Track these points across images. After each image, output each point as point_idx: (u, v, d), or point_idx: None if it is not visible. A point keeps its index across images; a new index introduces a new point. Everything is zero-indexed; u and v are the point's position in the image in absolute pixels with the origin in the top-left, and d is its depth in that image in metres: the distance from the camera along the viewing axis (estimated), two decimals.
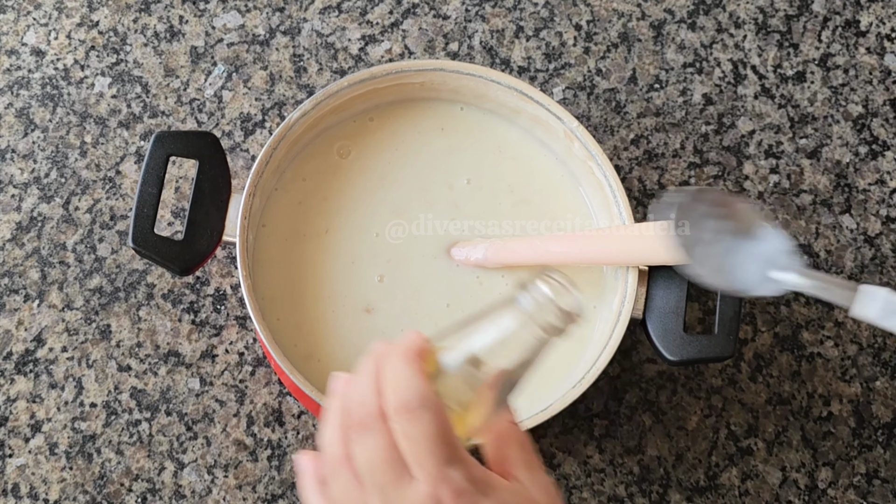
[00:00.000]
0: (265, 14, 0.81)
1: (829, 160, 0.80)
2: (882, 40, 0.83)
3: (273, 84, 0.79)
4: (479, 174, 0.70)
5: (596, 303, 0.68)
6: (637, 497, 0.71)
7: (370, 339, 0.66)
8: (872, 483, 0.72)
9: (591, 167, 0.68)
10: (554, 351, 0.69)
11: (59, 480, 0.70)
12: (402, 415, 0.42)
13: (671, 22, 0.83)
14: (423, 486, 0.42)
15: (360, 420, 0.43)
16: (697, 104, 0.80)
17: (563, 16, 0.82)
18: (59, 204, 0.76)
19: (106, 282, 0.74)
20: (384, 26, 0.81)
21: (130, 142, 0.77)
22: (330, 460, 0.44)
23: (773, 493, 0.72)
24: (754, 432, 0.73)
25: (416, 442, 0.42)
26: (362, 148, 0.70)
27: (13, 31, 0.80)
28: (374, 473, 0.42)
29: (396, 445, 0.42)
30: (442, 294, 0.67)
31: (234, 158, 0.77)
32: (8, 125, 0.78)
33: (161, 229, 0.75)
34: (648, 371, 0.74)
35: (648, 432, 0.73)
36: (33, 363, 0.72)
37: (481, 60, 0.81)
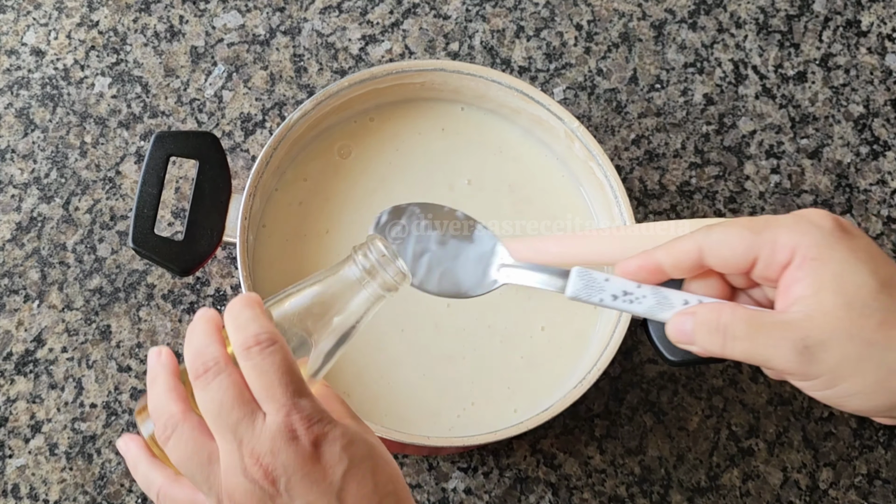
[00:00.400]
0: (265, 14, 0.81)
1: (830, 160, 0.80)
2: (883, 40, 0.83)
3: (273, 84, 0.79)
4: (479, 174, 0.70)
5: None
6: (638, 497, 0.71)
7: (370, 339, 0.66)
8: (874, 483, 0.72)
9: (592, 167, 0.68)
10: (554, 351, 0.69)
11: (59, 481, 0.70)
12: (253, 349, 0.44)
13: (672, 22, 0.83)
14: (276, 416, 0.44)
15: (204, 366, 0.45)
16: (698, 104, 0.80)
17: (564, 16, 0.82)
18: (59, 204, 0.76)
19: (106, 282, 0.74)
20: (384, 26, 0.81)
21: (130, 142, 0.77)
22: (165, 422, 0.46)
23: (774, 494, 0.72)
24: (755, 433, 0.73)
25: (268, 374, 0.44)
26: (363, 148, 0.70)
27: (13, 31, 0.80)
28: (224, 414, 0.44)
29: (243, 385, 0.44)
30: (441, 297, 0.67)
31: (235, 158, 0.77)
32: (8, 125, 0.77)
33: (161, 230, 0.75)
34: (649, 372, 0.74)
35: (649, 433, 0.73)
36: (33, 364, 0.72)
37: (482, 60, 0.81)
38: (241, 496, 0.44)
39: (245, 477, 0.44)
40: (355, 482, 0.45)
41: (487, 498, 0.71)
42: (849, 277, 0.43)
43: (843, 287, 0.43)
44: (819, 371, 0.43)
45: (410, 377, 0.65)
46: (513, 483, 0.71)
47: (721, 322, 0.45)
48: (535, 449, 0.72)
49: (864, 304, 0.42)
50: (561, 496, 0.71)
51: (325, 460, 0.44)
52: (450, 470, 0.71)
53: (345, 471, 0.44)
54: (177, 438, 0.45)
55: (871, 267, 0.43)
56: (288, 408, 0.44)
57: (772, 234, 0.45)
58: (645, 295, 0.48)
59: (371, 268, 0.48)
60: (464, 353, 0.66)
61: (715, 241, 0.46)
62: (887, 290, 0.43)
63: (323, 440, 0.44)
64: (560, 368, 0.66)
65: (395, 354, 0.65)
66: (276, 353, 0.45)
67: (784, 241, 0.45)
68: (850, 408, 0.44)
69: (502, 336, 0.66)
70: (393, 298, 0.69)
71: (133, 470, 0.49)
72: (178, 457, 0.45)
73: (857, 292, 0.43)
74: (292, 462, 0.44)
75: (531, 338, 0.67)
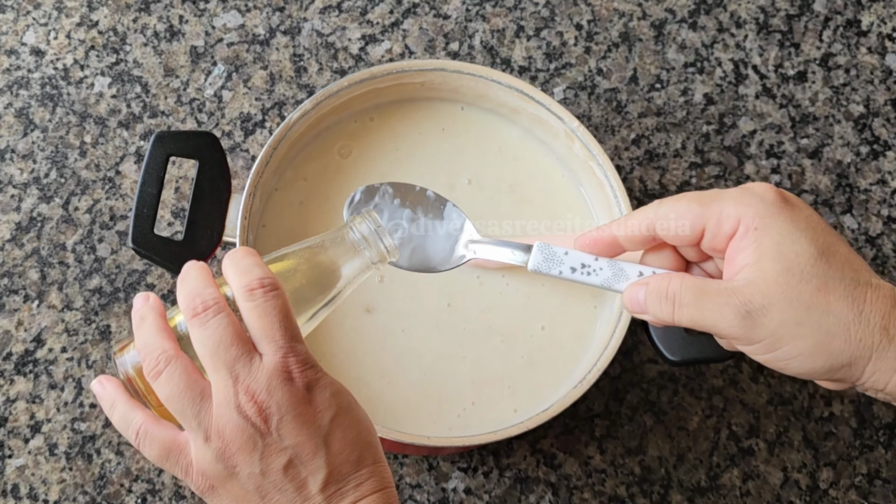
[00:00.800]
0: (265, 14, 0.81)
1: (830, 160, 0.79)
2: (883, 40, 0.83)
3: (273, 84, 0.79)
4: (479, 174, 0.70)
5: (597, 304, 0.68)
6: (638, 497, 0.71)
7: (370, 339, 0.66)
8: (874, 483, 0.72)
9: (592, 167, 0.68)
10: (554, 350, 0.69)
11: (58, 481, 0.70)
12: (257, 291, 0.46)
13: (672, 21, 0.83)
14: (273, 357, 0.45)
15: (203, 305, 0.46)
16: (698, 104, 0.80)
17: (564, 15, 0.82)
18: (58, 204, 0.75)
19: (106, 282, 0.74)
20: (384, 26, 0.81)
21: (130, 142, 0.77)
22: (157, 357, 0.46)
23: (774, 494, 0.72)
24: (755, 433, 0.73)
25: (270, 316, 0.46)
26: (363, 148, 0.70)
27: (13, 31, 0.80)
28: (222, 350, 0.45)
29: (241, 327, 0.46)
30: (442, 294, 0.67)
31: (234, 158, 0.77)
32: (7, 125, 0.77)
33: (161, 229, 0.75)
34: (649, 371, 0.74)
35: (649, 433, 0.72)
36: (33, 364, 0.72)
37: (482, 60, 0.81)
38: (232, 432, 0.45)
39: (238, 413, 0.45)
40: (341, 429, 0.46)
41: (487, 498, 0.71)
42: (789, 246, 0.45)
43: (783, 254, 0.45)
44: (761, 335, 0.45)
45: (411, 377, 0.65)
46: (513, 483, 0.71)
47: (670, 290, 0.47)
48: (536, 449, 0.72)
49: (803, 271, 0.45)
50: (561, 496, 0.71)
51: (315, 404, 0.46)
52: (450, 470, 0.71)
53: (332, 416, 0.46)
54: (170, 373, 0.46)
55: (811, 236, 0.45)
56: (285, 350, 0.45)
57: (718, 206, 0.47)
58: (602, 267, 0.51)
59: (366, 237, 0.50)
60: (464, 353, 0.66)
61: (664, 213, 0.49)
62: (825, 258, 0.45)
63: (315, 385, 0.46)
64: (560, 368, 0.66)
65: (395, 354, 0.65)
66: (278, 297, 0.46)
67: (729, 211, 0.47)
68: (792, 370, 0.46)
69: (502, 335, 0.66)
70: (393, 298, 0.69)
71: (109, 409, 0.49)
72: (169, 391, 0.46)
73: (796, 259, 0.45)
74: (286, 401, 0.45)
75: (531, 337, 0.67)
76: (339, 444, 0.46)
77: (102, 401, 0.49)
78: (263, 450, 0.45)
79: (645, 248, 0.52)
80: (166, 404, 0.46)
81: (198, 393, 0.46)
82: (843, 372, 0.45)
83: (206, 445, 0.46)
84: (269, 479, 0.45)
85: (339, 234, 0.51)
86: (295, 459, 0.45)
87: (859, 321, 0.44)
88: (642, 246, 0.52)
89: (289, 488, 0.45)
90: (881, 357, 0.44)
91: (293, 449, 0.45)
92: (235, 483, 0.46)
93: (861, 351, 0.44)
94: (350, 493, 0.46)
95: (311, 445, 0.45)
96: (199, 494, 0.47)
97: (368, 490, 0.46)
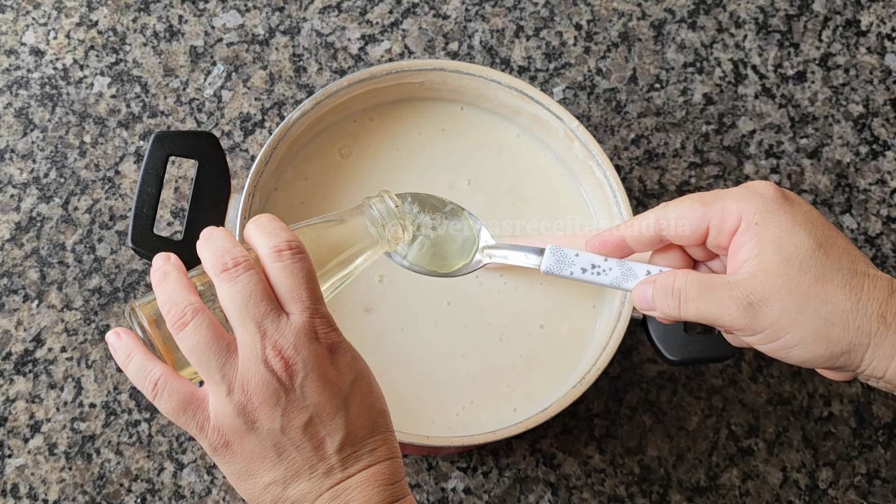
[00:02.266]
0: (265, 14, 0.81)
1: (829, 160, 0.80)
2: (883, 40, 0.83)
3: (273, 84, 0.79)
4: (479, 174, 0.70)
5: (596, 303, 0.68)
6: (637, 497, 0.71)
7: (370, 339, 0.66)
8: (873, 483, 0.72)
9: (592, 167, 0.68)
10: (553, 349, 0.69)
11: (58, 481, 0.70)
12: (286, 252, 0.47)
13: (671, 21, 0.83)
14: (301, 316, 0.46)
15: (234, 261, 0.47)
16: (698, 104, 0.80)
17: (564, 15, 0.82)
18: (58, 204, 0.75)
19: (105, 282, 0.74)
20: (384, 26, 0.81)
21: (130, 142, 0.77)
22: (183, 309, 0.47)
23: (773, 494, 0.72)
24: (755, 432, 0.73)
25: (298, 277, 0.46)
26: (364, 148, 0.70)
27: (12, 31, 0.80)
28: (252, 305, 0.46)
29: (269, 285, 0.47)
30: (442, 293, 0.67)
31: (234, 158, 0.77)
32: (7, 125, 0.77)
33: (160, 229, 0.75)
34: (649, 371, 0.74)
35: (649, 432, 0.72)
36: (32, 363, 0.72)
37: (481, 60, 0.81)
38: (257, 385, 0.45)
39: (265, 366, 0.45)
40: (360, 394, 0.47)
41: (487, 498, 0.71)
42: (787, 238, 0.47)
43: (783, 247, 0.47)
44: (763, 325, 0.47)
45: (410, 376, 0.65)
46: (512, 483, 0.71)
47: (676, 286, 0.49)
48: (535, 449, 0.72)
49: (802, 262, 0.46)
50: (560, 496, 0.71)
51: (338, 366, 0.47)
52: (449, 470, 0.71)
53: (353, 380, 0.47)
54: (197, 324, 0.46)
55: (809, 229, 0.47)
56: (312, 310, 0.46)
57: (720, 205, 0.49)
58: (611, 267, 0.53)
59: (383, 215, 0.52)
60: (464, 352, 0.66)
61: (670, 214, 0.50)
62: (823, 250, 0.47)
63: (338, 348, 0.47)
64: (559, 368, 0.66)
65: (395, 353, 0.65)
66: (305, 259, 0.47)
67: (731, 209, 0.48)
68: (794, 359, 0.47)
69: (501, 334, 0.66)
70: (393, 298, 0.69)
71: (125, 360, 0.48)
72: (196, 342, 0.46)
73: (794, 251, 0.46)
74: (312, 359, 0.46)
75: (529, 335, 0.67)
76: (357, 407, 0.47)
77: (117, 352, 0.49)
78: (286, 405, 0.46)
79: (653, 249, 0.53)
80: (189, 356, 0.46)
81: (224, 346, 0.46)
82: (843, 359, 0.47)
83: (227, 398, 0.46)
84: (288, 436, 0.46)
85: (358, 210, 0.53)
86: (315, 418, 0.46)
87: (857, 309, 0.46)
88: (650, 247, 0.53)
89: (306, 447, 0.46)
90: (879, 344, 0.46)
91: (314, 407, 0.46)
92: (253, 438, 0.46)
93: (859, 338, 0.46)
94: (364, 456, 0.47)
95: (331, 405, 0.46)
96: (211, 452, 0.47)
97: (382, 456, 0.47)
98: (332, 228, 0.52)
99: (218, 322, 0.47)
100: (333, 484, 0.46)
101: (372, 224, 0.52)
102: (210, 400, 0.47)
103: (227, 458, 0.47)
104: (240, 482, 0.47)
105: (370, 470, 0.47)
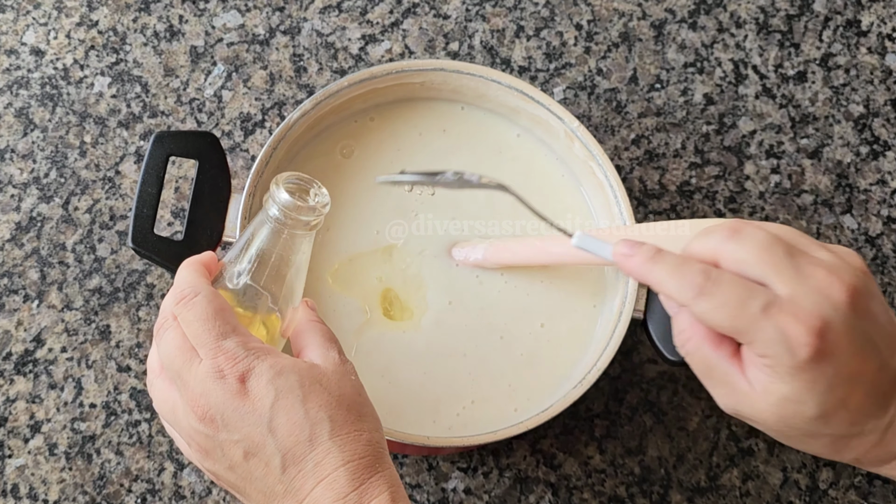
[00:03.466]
0: (265, 13, 0.81)
1: (830, 160, 0.79)
2: (883, 40, 0.83)
3: (273, 84, 0.79)
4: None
5: (596, 303, 0.68)
6: (638, 498, 0.71)
7: (370, 339, 0.66)
8: (873, 483, 0.72)
9: (592, 167, 0.68)
10: (554, 348, 0.69)
11: (58, 481, 0.70)
12: (179, 305, 0.49)
13: (672, 21, 0.83)
14: (206, 360, 0.47)
15: (163, 319, 0.50)
16: (698, 104, 0.80)
17: (564, 15, 0.82)
18: (58, 204, 0.75)
19: (105, 282, 0.74)
20: (384, 26, 0.81)
21: (130, 142, 0.77)
22: (149, 374, 0.51)
23: (773, 494, 0.72)
24: (755, 432, 0.73)
25: (193, 323, 0.48)
26: (364, 148, 0.70)
27: (12, 31, 0.80)
28: (168, 363, 0.49)
29: (185, 337, 0.49)
30: (443, 292, 0.67)
31: (234, 158, 0.77)
32: (7, 125, 0.77)
33: (161, 229, 0.75)
34: (649, 371, 0.74)
35: (649, 433, 0.72)
36: (33, 363, 0.72)
37: (482, 60, 0.81)
38: (197, 438, 0.48)
39: (192, 420, 0.48)
40: (284, 412, 0.47)
41: (487, 498, 0.71)
42: (792, 406, 0.44)
43: (783, 408, 0.45)
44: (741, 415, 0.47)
45: (411, 375, 0.65)
46: (513, 483, 0.71)
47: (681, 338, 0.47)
48: (535, 449, 0.72)
49: (795, 425, 0.45)
50: (561, 496, 0.71)
51: (252, 394, 0.47)
52: (449, 470, 0.71)
53: (272, 402, 0.47)
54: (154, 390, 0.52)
55: (822, 399, 0.44)
56: (214, 350, 0.47)
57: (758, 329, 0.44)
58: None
59: (282, 210, 0.51)
60: (464, 351, 0.66)
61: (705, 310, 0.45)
62: (824, 419, 0.44)
63: (249, 375, 0.47)
64: (560, 367, 0.66)
65: (396, 353, 0.65)
66: (197, 303, 0.49)
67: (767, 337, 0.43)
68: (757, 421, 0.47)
69: (502, 332, 0.66)
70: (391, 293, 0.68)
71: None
72: (156, 402, 0.51)
73: (793, 418, 0.45)
74: (221, 399, 0.47)
75: (530, 334, 0.67)
76: (284, 427, 0.47)
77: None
78: (222, 446, 0.47)
79: None
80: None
81: (170, 406, 0.51)
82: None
83: (190, 450, 0.50)
84: (238, 472, 0.48)
85: (262, 214, 0.52)
86: (250, 448, 0.47)
87: (836, 454, 0.47)
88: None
89: (258, 473, 0.47)
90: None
91: (244, 441, 0.47)
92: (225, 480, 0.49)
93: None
94: (310, 473, 0.47)
95: (257, 434, 0.47)
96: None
97: (330, 468, 0.46)
98: (250, 246, 0.52)
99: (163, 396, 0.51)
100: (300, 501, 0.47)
101: (279, 222, 0.51)
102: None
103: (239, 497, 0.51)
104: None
105: (321, 485, 0.46)
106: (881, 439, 0.46)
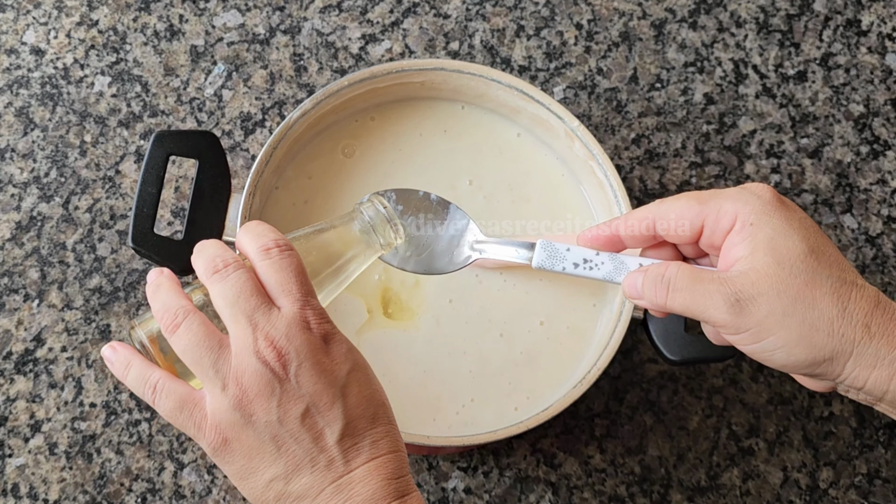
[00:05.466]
0: (265, 13, 0.81)
1: (830, 160, 0.80)
2: (883, 40, 0.83)
3: (273, 83, 0.79)
4: (480, 174, 0.70)
5: (596, 301, 0.68)
6: (638, 497, 0.71)
7: (371, 338, 0.66)
8: (874, 483, 0.72)
9: (592, 167, 0.68)
10: (553, 346, 0.69)
11: (58, 480, 0.70)
12: (273, 251, 0.48)
13: (672, 21, 0.83)
14: (292, 307, 0.46)
15: (224, 263, 0.48)
16: (698, 104, 0.80)
17: (564, 15, 0.82)
18: (58, 203, 0.75)
19: (106, 281, 0.74)
20: (385, 25, 0.81)
21: (130, 141, 0.77)
22: (175, 312, 0.47)
23: (774, 493, 0.72)
24: (755, 432, 0.73)
25: (286, 271, 0.47)
26: (365, 147, 0.70)
27: (13, 31, 0.80)
28: (242, 300, 0.46)
29: (259, 282, 0.47)
30: (443, 291, 0.67)
31: (234, 158, 0.77)
32: (7, 124, 0.77)
33: (161, 229, 0.75)
34: (649, 371, 0.74)
35: (649, 432, 0.72)
36: (33, 363, 0.72)
37: (482, 60, 0.81)
38: (250, 377, 0.45)
39: (257, 358, 0.45)
40: (357, 384, 0.47)
41: (487, 497, 0.71)
42: (781, 241, 0.47)
43: (775, 249, 0.47)
44: (748, 324, 0.46)
45: (411, 374, 0.65)
46: (513, 483, 0.71)
47: (666, 275, 0.49)
48: (535, 448, 0.72)
49: (793, 265, 0.46)
50: (561, 496, 0.71)
51: (333, 355, 0.47)
52: (450, 469, 0.71)
53: (349, 370, 0.47)
54: (188, 324, 0.47)
55: (803, 234, 0.47)
56: (302, 302, 0.47)
57: (717, 203, 0.49)
58: (603, 262, 0.53)
59: (373, 221, 0.53)
60: (465, 349, 0.66)
61: (665, 211, 0.50)
62: (815, 255, 0.47)
63: (332, 338, 0.47)
64: (560, 367, 0.66)
65: (396, 351, 0.65)
66: (293, 255, 0.48)
67: (727, 208, 0.48)
68: (776, 362, 0.47)
69: (502, 330, 0.67)
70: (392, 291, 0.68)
71: (123, 370, 0.49)
72: (188, 340, 0.47)
73: (787, 254, 0.47)
74: (305, 348, 0.46)
75: (529, 332, 0.67)
76: (355, 397, 0.46)
77: (115, 364, 0.50)
78: (281, 396, 0.45)
79: (645, 246, 0.53)
80: (183, 356, 0.47)
81: (216, 342, 0.46)
82: (824, 367, 0.47)
83: (223, 394, 0.46)
84: (286, 428, 0.45)
85: (349, 217, 0.53)
86: (312, 408, 0.45)
87: (842, 317, 0.46)
88: (643, 243, 0.53)
89: (305, 438, 0.45)
90: (861, 353, 0.46)
91: (311, 397, 0.45)
92: (251, 433, 0.46)
93: (843, 346, 0.46)
94: (366, 448, 0.46)
95: (328, 395, 0.46)
96: (212, 453, 0.47)
97: (385, 449, 0.47)
98: (323, 236, 0.52)
99: (210, 322, 0.47)
100: (336, 478, 0.46)
101: (364, 230, 0.52)
102: (207, 398, 0.47)
103: (227, 458, 0.47)
104: (242, 481, 0.47)
105: (373, 463, 0.46)
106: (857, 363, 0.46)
